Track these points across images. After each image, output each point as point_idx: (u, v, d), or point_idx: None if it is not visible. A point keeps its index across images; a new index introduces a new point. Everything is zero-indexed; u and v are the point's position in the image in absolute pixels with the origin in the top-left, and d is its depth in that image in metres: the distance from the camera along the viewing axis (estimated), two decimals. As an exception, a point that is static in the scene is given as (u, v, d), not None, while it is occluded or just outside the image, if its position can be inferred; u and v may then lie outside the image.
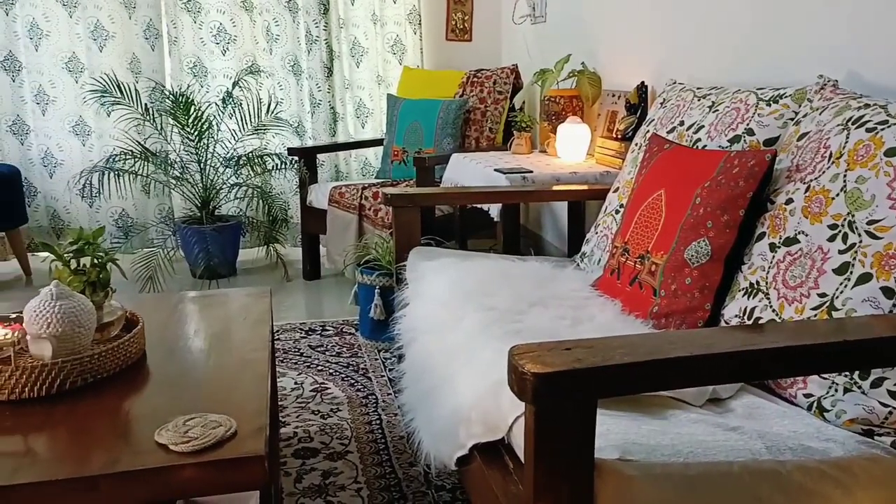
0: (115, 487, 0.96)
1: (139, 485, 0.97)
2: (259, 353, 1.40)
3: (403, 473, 1.74)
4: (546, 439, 0.85)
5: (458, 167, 2.74)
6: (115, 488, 0.97)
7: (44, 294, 1.23)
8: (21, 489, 0.95)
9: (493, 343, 1.28)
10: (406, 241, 2.07)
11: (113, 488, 0.96)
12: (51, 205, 3.63)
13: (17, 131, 3.54)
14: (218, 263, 3.33)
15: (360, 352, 2.53)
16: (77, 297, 1.25)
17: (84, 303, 1.26)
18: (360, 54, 3.91)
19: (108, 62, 3.49)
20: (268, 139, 3.72)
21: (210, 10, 3.63)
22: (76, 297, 1.25)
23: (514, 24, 3.77)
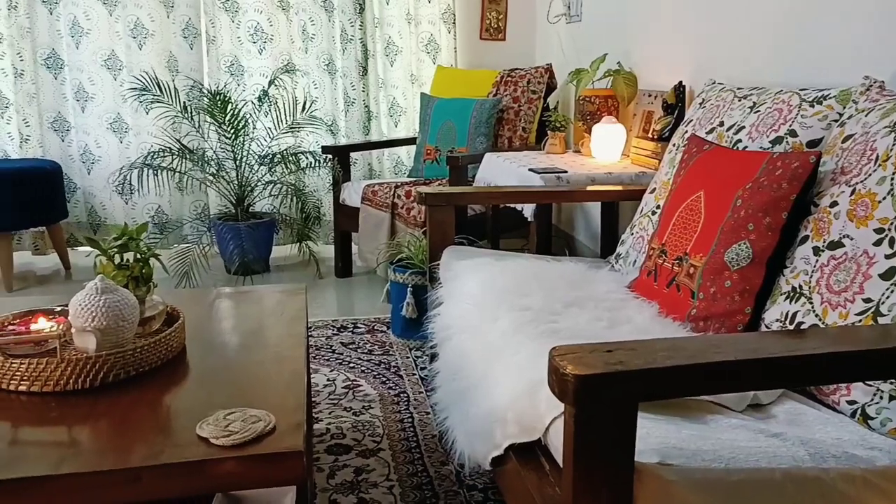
0: (158, 479, 0.98)
1: (181, 477, 0.99)
2: (296, 349, 1.41)
3: (435, 472, 1.74)
4: (586, 442, 0.84)
5: (492, 166, 2.73)
6: (158, 480, 0.98)
7: (89, 288, 1.25)
8: (66, 479, 0.97)
9: (528, 343, 1.27)
10: (440, 240, 2.07)
11: (155, 480, 0.98)
12: (89, 200, 3.71)
13: (58, 128, 3.63)
14: (252, 260, 3.37)
15: (392, 350, 2.54)
16: (121, 292, 1.28)
17: (128, 297, 1.28)
18: (394, 53, 3.93)
19: (146, 60, 3.56)
20: (302, 137, 3.76)
21: (248, 10, 3.68)
22: (120, 292, 1.28)
23: (549, 24, 3.76)
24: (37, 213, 3.31)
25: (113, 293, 1.26)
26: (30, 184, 3.23)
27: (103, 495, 0.98)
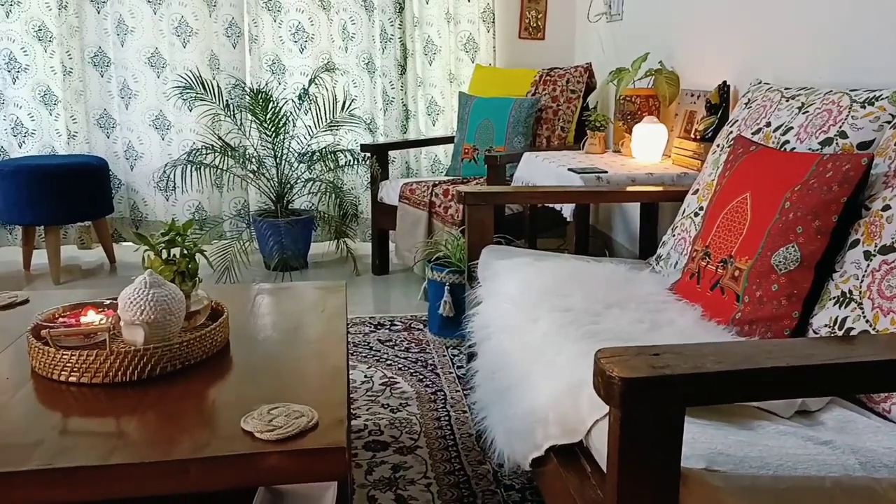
0: (205, 471, 1.00)
1: (228, 470, 1.01)
2: (336, 346, 1.43)
3: (472, 471, 1.74)
4: (631, 445, 0.83)
5: (530, 166, 2.72)
6: (205, 472, 1.00)
7: (138, 282, 1.28)
8: (117, 469, 0.99)
9: (570, 344, 1.27)
10: (478, 239, 2.07)
11: (203, 472, 1.00)
12: (132, 197, 3.80)
13: (103, 125, 3.72)
14: (291, 256, 3.41)
15: (429, 348, 2.55)
16: (169, 286, 1.30)
17: (175, 291, 1.31)
18: (433, 52, 3.93)
19: (190, 58, 3.62)
20: (340, 135, 3.79)
21: (290, 10, 3.72)
22: (168, 286, 1.30)
23: (589, 23, 3.72)
24: (83, 208, 3.39)
25: (161, 287, 1.29)
26: (77, 179, 3.32)
27: (153, 485, 1.01)
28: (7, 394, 1.22)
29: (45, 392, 1.23)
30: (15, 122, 3.61)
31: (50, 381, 1.25)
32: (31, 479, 0.99)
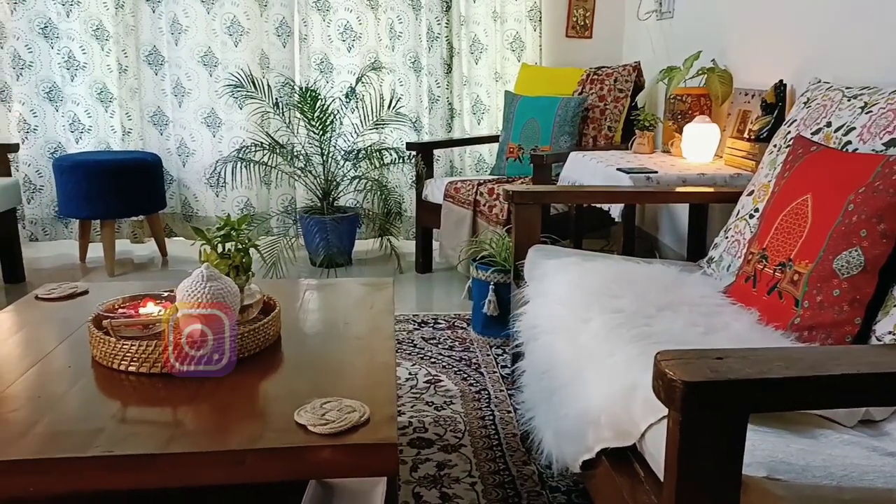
0: (260, 463, 1.02)
1: (281, 462, 1.02)
2: (385, 342, 1.44)
3: (517, 471, 1.73)
4: (691, 451, 0.81)
5: (577, 165, 2.69)
6: (260, 463, 1.02)
7: (195, 275, 1.31)
8: (175, 458, 1.01)
9: (622, 346, 1.25)
10: (525, 239, 2.06)
11: (257, 463, 1.02)
12: (183, 192, 3.88)
13: (157, 122, 3.81)
14: (336, 253, 3.44)
15: (473, 346, 2.55)
16: (225, 280, 1.33)
17: (230, 285, 1.33)
18: (479, 51, 3.93)
19: (241, 57, 3.69)
20: (386, 134, 3.81)
21: (338, 9, 3.76)
22: (224, 280, 1.33)
23: (639, 21, 3.67)
24: (137, 203, 3.49)
25: (217, 281, 1.31)
26: (131, 175, 3.41)
27: (209, 475, 1.03)
28: (69, 382, 1.26)
29: (105, 381, 1.27)
30: (72, 118, 3.72)
31: (110, 370, 1.28)
32: (92, 465, 1.02)
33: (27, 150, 3.66)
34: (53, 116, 3.70)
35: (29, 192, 3.70)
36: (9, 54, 3.58)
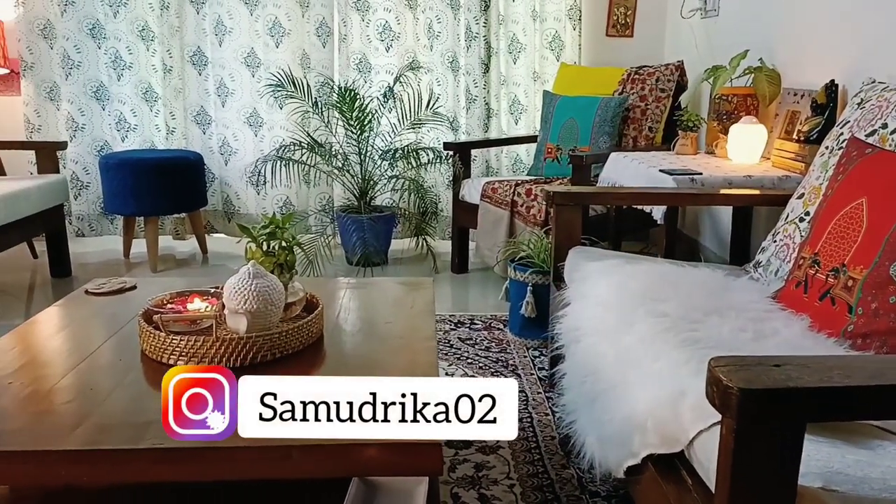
0: (306, 458, 1.03)
1: (328, 458, 1.03)
2: (427, 342, 1.43)
3: (556, 475, 1.72)
4: (745, 459, 0.80)
5: (617, 166, 2.66)
6: (306, 459, 1.03)
7: (242, 272, 1.33)
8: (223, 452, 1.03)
9: (669, 351, 1.23)
10: (565, 240, 2.04)
11: (304, 459, 1.03)
12: (225, 190, 3.94)
13: (200, 121, 3.87)
14: (372, 252, 3.46)
15: (509, 348, 2.54)
16: (270, 277, 1.34)
17: (276, 283, 1.35)
18: (517, 51, 3.91)
19: (282, 58, 3.73)
20: (422, 133, 3.81)
21: (377, 9, 3.78)
22: (269, 277, 1.34)
23: (682, 19, 3.61)
24: (180, 201, 3.55)
25: (263, 278, 1.33)
26: (174, 173, 3.48)
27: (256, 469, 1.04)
28: (120, 375, 1.28)
29: (154, 374, 1.29)
30: (119, 117, 3.81)
31: (159, 364, 1.30)
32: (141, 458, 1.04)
33: (75, 148, 3.75)
34: (100, 115, 3.79)
35: (76, 189, 3.80)
36: (58, 54, 3.67)
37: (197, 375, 1.05)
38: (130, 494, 1.30)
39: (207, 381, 1.05)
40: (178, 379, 1.05)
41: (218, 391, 1.05)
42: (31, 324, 1.58)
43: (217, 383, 1.05)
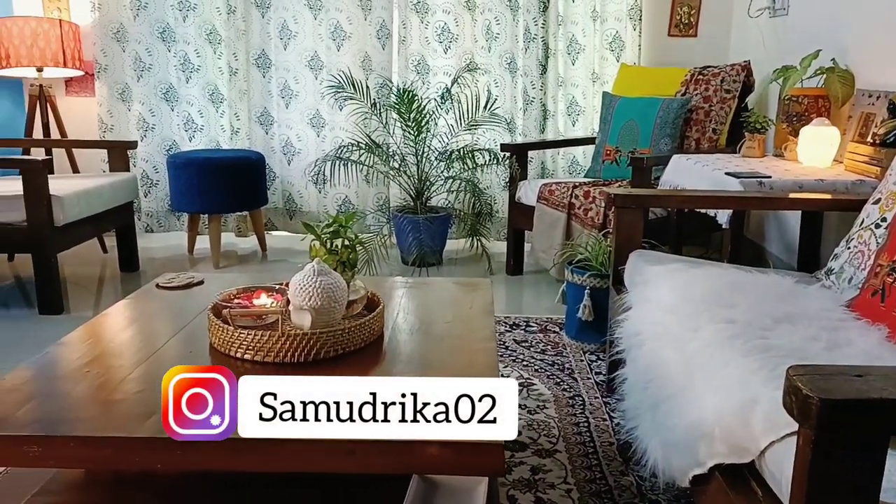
0: (369, 454, 1.04)
1: (390, 455, 1.04)
2: (487, 343, 1.43)
3: (615, 481, 1.69)
4: (824, 472, 0.77)
5: (680, 169, 2.60)
6: (369, 455, 1.04)
7: (307, 270, 1.35)
8: (290, 444, 1.04)
9: (738, 359, 1.19)
10: (626, 243, 2.01)
11: (367, 455, 1.04)
12: (286, 189, 4.03)
13: (263, 122, 3.97)
14: (428, 252, 3.48)
15: (566, 351, 2.51)
16: (334, 275, 1.37)
17: (339, 280, 1.37)
18: (576, 52, 3.87)
19: (344, 61, 3.79)
20: (478, 135, 3.81)
21: (436, 11, 3.80)
22: (333, 275, 1.36)
23: (749, 18, 3.51)
24: (242, 199, 3.64)
25: (328, 276, 1.35)
26: (238, 172, 3.57)
27: (319, 463, 1.06)
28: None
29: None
30: (186, 118, 3.93)
31: (226, 357, 1.34)
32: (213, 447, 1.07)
33: (145, 147, 3.90)
34: (169, 116, 3.92)
35: (146, 187, 3.94)
36: (130, 57, 3.82)
37: (197, 375, 1.06)
38: (199, 481, 1.33)
39: (207, 381, 1.07)
40: (178, 379, 1.06)
41: (218, 391, 1.06)
42: (105, 315, 1.65)
43: (217, 383, 1.07)
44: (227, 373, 1.05)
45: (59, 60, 3.54)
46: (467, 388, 0.99)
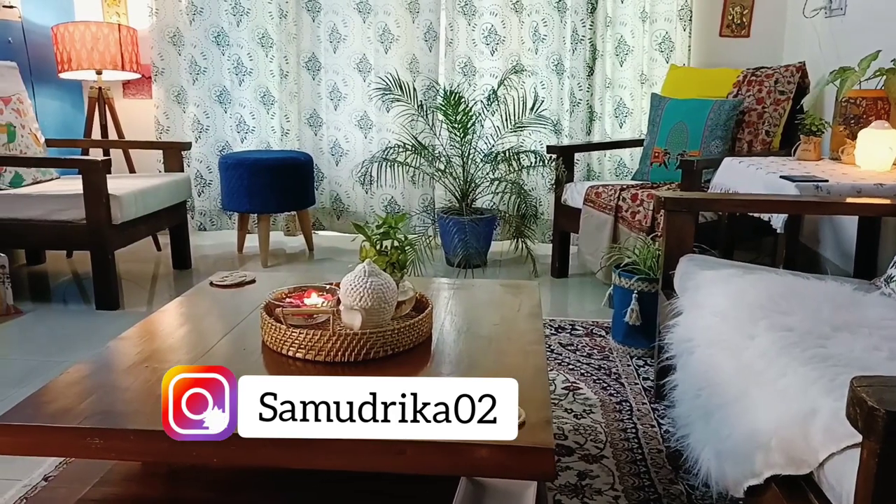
0: (420, 455, 1.04)
1: (440, 456, 1.04)
2: (536, 346, 1.43)
3: (664, 489, 1.67)
4: (888, 485, 0.75)
5: (732, 172, 2.55)
6: (420, 456, 1.05)
7: (358, 270, 1.37)
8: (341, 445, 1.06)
9: (796, 368, 1.17)
10: (676, 248, 1.98)
11: (417, 455, 1.04)
12: (334, 189, 4.08)
13: (312, 123, 4.03)
14: (473, 253, 3.48)
15: (612, 355, 2.49)
16: (384, 276, 1.38)
17: (390, 281, 1.38)
18: (624, 53, 3.83)
19: (391, 63, 3.82)
20: (524, 136, 3.80)
21: (483, 13, 3.80)
22: (384, 276, 1.38)
23: (804, 18, 3.42)
24: (291, 199, 3.71)
25: (378, 277, 1.37)
26: (287, 173, 3.63)
27: (372, 461, 1.07)
28: (245, 363, 1.36)
29: (274, 364, 1.36)
30: (239, 119, 4.02)
31: (278, 355, 1.37)
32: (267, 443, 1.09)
33: (199, 148, 4.00)
34: (222, 118, 4.02)
35: (199, 187, 4.05)
36: (186, 61, 3.92)
37: (197, 375, 1.07)
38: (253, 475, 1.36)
39: (207, 381, 1.07)
40: (178, 379, 1.06)
41: (218, 391, 1.06)
42: (162, 312, 1.69)
43: (217, 383, 1.07)
44: (227, 373, 1.05)
45: (118, 64, 3.65)
46: (467, 388, 0.99)
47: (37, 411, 1.17)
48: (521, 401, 1.13)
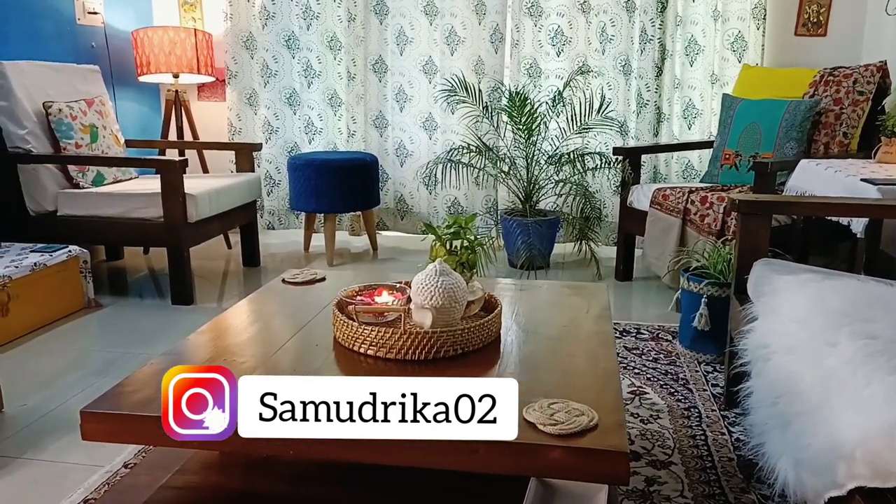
0: (492, 454, 1.05)
1: (512, 456, 1.05)
2: (606, 348, 1.42)
3: (735, 499, 1.63)
4: None
5: (808, 174, 2.46)
6: (492, 455, 1.05)
7: (429, 269, 1.39)
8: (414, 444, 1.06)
9: (883, 377, 1.12)
10: (750, 252, 1.93)
11: (489, 455, 1.05)
12: (398, 190, 4.14)
13: (378, 125, 4.09)
14: (536, 255, 3.47)
15: (679, 361, 2.44)
16: (455, 276, 1.39)
17: (460, 281, 1.40)
18: (694, 53, 3.75)
19: (457, 65, 3.85)
20: (589, 138, 3.76)
21: (550, 14, 3.78)
22: (454, 275, 1.39)
23: (887, 16, 3.27)
24: (356, 199, 3.77)
25: (449, 276, 1.38)
26: (353, 173, 3.70)
27: (443, 460, 1.08)
28: (319, 358, 1.39)
29: (345, 360, 1.39)
30: (307, 121, 4.12)
31: (349, 352, 1.40)
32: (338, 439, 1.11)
33: (269, 149, 4.12)
34: (292, 119, 4.12)
35: (269, 186, 4.16)
36: (258, 64, 4.04)
37: (197, 375, 1.06)
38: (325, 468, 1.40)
39: (207, 381, 1.06)
40: (178, 379, 1.06)
41: (218, 391, 1.06)
42: (237, 307, 1.75)
43: (217, 383, 1.07)
44: (227, 373, 1.06)
45: (194, 67, 3.79)
46: (467, 388, 0.99)
47: (122, 400, 1.22)
48: (593, 403, 1.14)
